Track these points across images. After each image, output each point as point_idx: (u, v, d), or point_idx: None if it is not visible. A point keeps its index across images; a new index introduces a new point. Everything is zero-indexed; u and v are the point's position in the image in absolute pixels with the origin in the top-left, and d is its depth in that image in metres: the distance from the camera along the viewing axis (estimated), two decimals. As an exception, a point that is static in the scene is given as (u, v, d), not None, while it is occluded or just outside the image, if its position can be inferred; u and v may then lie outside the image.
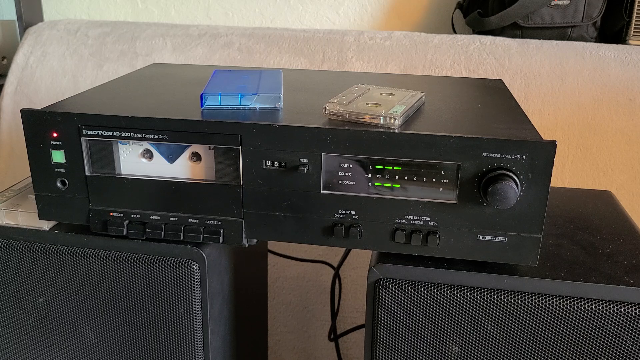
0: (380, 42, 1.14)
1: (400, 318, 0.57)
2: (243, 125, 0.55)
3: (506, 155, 0.51)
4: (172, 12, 1.38)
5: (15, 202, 0.66)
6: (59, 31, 1.27)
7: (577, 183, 1.04)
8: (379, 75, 0.82)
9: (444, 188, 0.54)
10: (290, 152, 0.55)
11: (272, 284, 1.15)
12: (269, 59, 1.16)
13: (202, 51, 1.19)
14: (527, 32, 1.13)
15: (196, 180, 0.58)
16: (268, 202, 0.57)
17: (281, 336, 1.18)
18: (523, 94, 1.06)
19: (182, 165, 0.59)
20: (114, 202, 0.60)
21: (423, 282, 0.56)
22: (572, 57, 1.06)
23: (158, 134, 0.57)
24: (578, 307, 0.54)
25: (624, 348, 0.54)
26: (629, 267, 0.56)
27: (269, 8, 1.34)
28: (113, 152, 0.59)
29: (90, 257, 0.61)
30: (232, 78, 0.67)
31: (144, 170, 0.59)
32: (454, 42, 1.12)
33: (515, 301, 0.54)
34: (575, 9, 1.09)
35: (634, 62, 1.04)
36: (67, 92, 1.21)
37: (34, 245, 0.62)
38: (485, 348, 0.56)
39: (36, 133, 0.58)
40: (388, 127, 0.54)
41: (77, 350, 0.66)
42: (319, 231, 0.57)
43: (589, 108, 1.04)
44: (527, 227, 0.53)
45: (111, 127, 0.57)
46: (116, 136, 0.58)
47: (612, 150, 1.03)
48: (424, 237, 0.55)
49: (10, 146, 1.24)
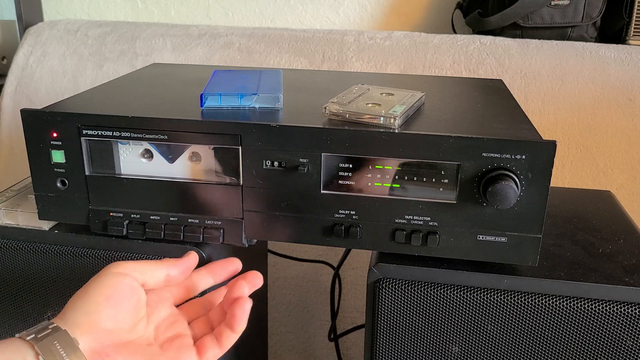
0: (380, 42, 1.14)
1: (400, 318, 0.57)
2: (243, 125, 0.55)
3: (506, 155, 0.51)
4: (172, 12, 1.39)
5: (15, 202, 0.66)
6: (59, 31, 1.27)
7: (577, 183, 1.04)
8: (379, 75, 0.82)
9: (443, 188, 0.54)
10: (290, 152, 0.55)
11: (272, 284, 1.15)
12: (269, 59, 1.16)
13: (202, 51, 1.19)
14: (527, 32, 1.13)
15: (196, 180, 0.58)
16: (268, 202, 0.57)
17: (281, 336, 1.18)
18: (523, 94, 1.06)
19: (182, 165, 0.59)
20: (114, 202, 0.60)
21: (423, 282, 0.56)
22: (572, 57, 1.06)
23: (158, 134, 0.57)
24: (578, 307, 0.54)
25: (623, 348, 0.54)
26: (629, 267, 0.56)
27: (269, 8, 1.34)
28: (113, 152, 0.59)
29: (90, 257, 0.61)
30: (232, 78, 0.67)
31: (144, 170, 0.59)
32: (454, 42, 1.12)
33: (515, 301, 0.54)
34: (575, 9, 1.09)
35: (634, 62, 1.04)
36: (67, 92, 1.21)
37: (34, 245, 0.62)
38: (485, 348, 0.56)
39: (36, 133, 0.58)
40: (388, 127, 0.54)
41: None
42: (318, 231, 0.57)
43: (589, 108, 1.04)
44: (527, 227, 0.53)
45: (111, 127, 0.57)
46: (116, 136, 0.58)
47: (612, 150, 1.03)
48: (423, 237, 0.55)
49: (10, 146, 1.24)
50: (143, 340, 0.51)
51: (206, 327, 0.54)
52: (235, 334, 0.52)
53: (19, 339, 0.45)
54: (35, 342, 0.44)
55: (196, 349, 0.52)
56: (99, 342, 0.47)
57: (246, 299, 0.53)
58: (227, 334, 0.52)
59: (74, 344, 0.45)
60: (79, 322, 0.47)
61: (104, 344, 0.47)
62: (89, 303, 0.48)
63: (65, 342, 0.45)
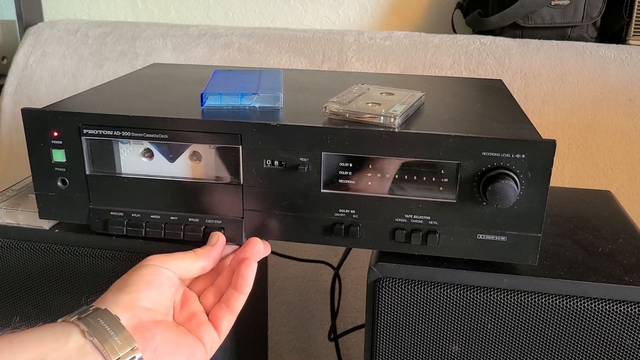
0: (380, 42, 1.14)
1: (400, 317, 0.57)
2: (243, 124, 0.55)
3: (506, 155, 0.51)
4: (172, 12, 1.39)
5: (15, 202, 0.66)
6: (59, 31, 1.28)
7: (577, 183, 1.04)
8: (379, 75, 0.82)
9: (443, 187, 0.54)
10: (290, 152, 0.55)
11: (272, 284, 1.15)
12: (269, 59, 1.16)
13: (202, 51, 1.19)
14: (527, 32, 1.13)
15: (196, 179, 0.58)
16: (268, 202, 0.57)
17: (281, 336, 1.18)
18: (523, 94, 1.06)
19: (183, 165, 0.59)
20: (114, 202, 0.60)
21: (423, 281, 0.56)
22: (572, 57, 1.07)
23: (158, 134, 0.57)
24: (578, 306, 0.54)
25: (623, 347, 0.54)
26: (629, 266, 0.57)
27: (269, 8, 1.34)
28: (113, 152, 0.59)
29: (91, 256, 0.61)
30: (232, 78, 0.67)
31: (145, 170, 0.59)
32: (454, 42, 1.12)
33: (515, 300, 0.54)
34: (575, 9, 1.09)
35: (634, 62, 1.05)
36: (67, 92, 1.21)
37: (35, 244, 0.62)
38: (485, 347, 0.56)
39: (37, 132, 0.58)
40: (388, 127, 0.54)
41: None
42: (319, 230, 0.57)
43: (589, 108, 1.04)
44: (527, 226, 0.53)
45: (112, 126, 0.57)
46: (117, 135, 0.58)
47: (612, 150, 1.03)
48: (423, 236, 0.55)
49: (10, 146, 1.24)
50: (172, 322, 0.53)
51: (215, 297, 0.56)
52: (243, 295, 0.54)
53: (62, 322, 0.46)
54: (79, 321, 0.45)
55: (211, 322, 0.54)
56: (138, 317, 0.49)
57: (253, 259, 0.55)
58: (236, 296, 0.54)
59: (117, 320, 0.47)
60: (118, 301, 0.49)
61: (142, 319, 0.49)
62: (130, 286, 0.50)
63: (109, 318, 0.46)
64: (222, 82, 0.65)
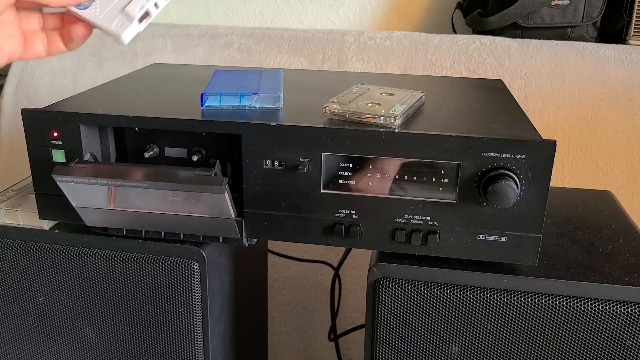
0: (380, 42, 1.14)
1: (400, 317, 0.57)
2: (243, 124, 0.55)
3: (506, 155, 0.51)
4: (172, 12, 1.39)
5: (15, 202, 0.66)
6: (59, 31, 1.27)
7: (577, 183, 1.04)
8: (379, 75, 0.82)
9: (443, 187, 0.54)
10: (290, 152, 0.55)
11: (272, 284, 1.15)
12: (269, 59, 1.16)
13: (202, 51, 1.19)
14: (527, 32, 1.13)
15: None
16: (268, 202, 0.57)
17: (281, 336, 1.18)
18: (523, 94, 1.06)
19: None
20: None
21: (423, 282, 0.56)
22: (572, 57, 1.07)
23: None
24: (578, 306, 0.54)
25: (623, 347, 0.54)
26: (629, 267, 0.56)
27: (269, 8, 1.34)
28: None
29: (91, 257, 0.61)
30: (232, 78, 0.67)
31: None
32: (454, 42, 1.12)
33: (515, 301, 0.54)
34: (575, 9, 1.09)
35: (634, 62, 1.04)
36: (67, 92, 1.21)
37: (35, 244, 0.62)
38: (485, 347, 0.56)
39: (37, 132, 0.58)
40: (388, 127, 0.54)
41: (77, 349, 0.66)
42: (319, 230, 0.57)
43: (589, 108, 1.04)
44: (527, 227, 0.53)
45: (112, 126, 0.57)
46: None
47: (612, 150, 1.03)
48: (423, 237, 0.55)
49: (10, 146, 1.24)
50: None
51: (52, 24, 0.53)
52: (67, 50, 0.52)
53: None
54: None
55: None
56: None
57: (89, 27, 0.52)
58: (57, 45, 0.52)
59: None
60: None
61: None
62: None
63: None
64: (222, 82, 0.65)
